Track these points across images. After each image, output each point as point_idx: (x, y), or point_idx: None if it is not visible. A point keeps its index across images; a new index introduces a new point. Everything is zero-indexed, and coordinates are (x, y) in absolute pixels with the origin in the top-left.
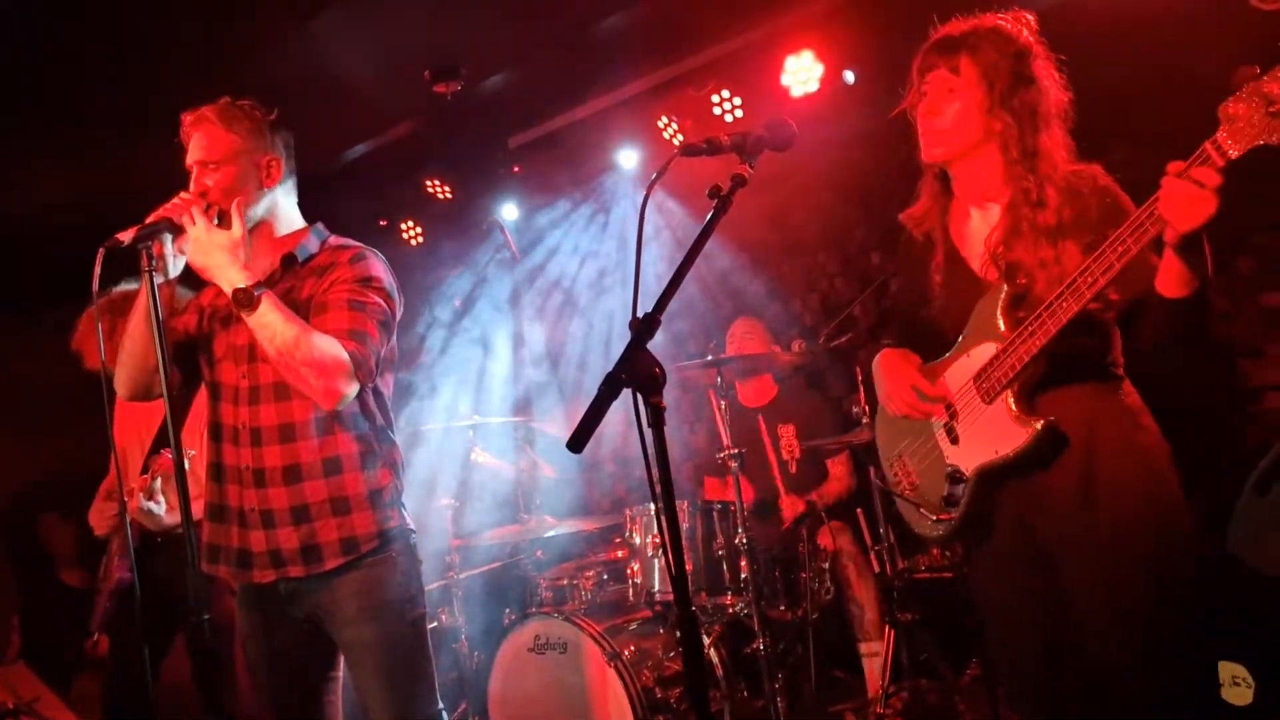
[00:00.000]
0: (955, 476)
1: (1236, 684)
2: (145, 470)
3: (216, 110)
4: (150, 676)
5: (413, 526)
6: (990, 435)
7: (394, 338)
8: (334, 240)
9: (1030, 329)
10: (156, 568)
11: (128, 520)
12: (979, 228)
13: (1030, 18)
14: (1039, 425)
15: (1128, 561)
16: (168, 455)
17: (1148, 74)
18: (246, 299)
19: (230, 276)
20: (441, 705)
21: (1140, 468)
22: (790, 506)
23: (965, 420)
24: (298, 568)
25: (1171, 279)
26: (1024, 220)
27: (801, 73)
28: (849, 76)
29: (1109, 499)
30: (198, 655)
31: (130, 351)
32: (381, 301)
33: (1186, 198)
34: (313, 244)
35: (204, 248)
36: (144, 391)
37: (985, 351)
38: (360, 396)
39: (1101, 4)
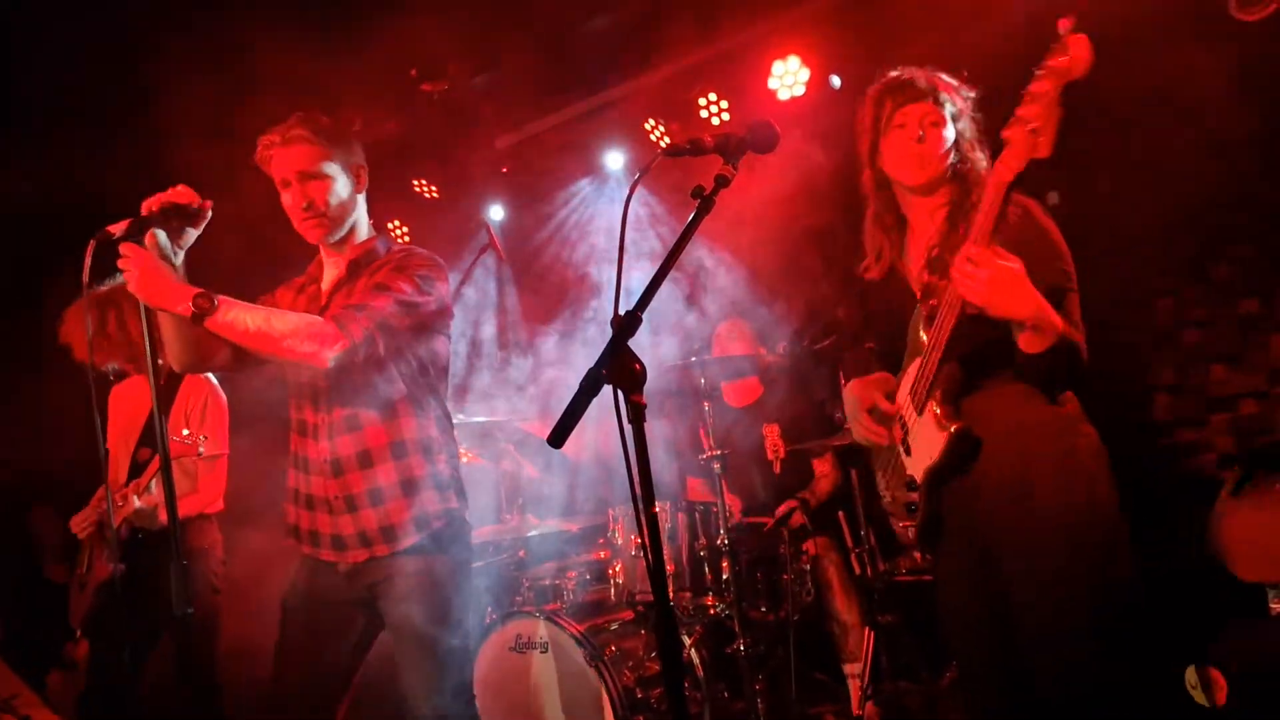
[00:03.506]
0: (911, 485)
1: (1210, 685)
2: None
3: (308, 125)
4: (132, 673)
5: (469, 519)
6: (926, 443)
7: (426, 321)
8: (397, 248)
9: (932, 343)
10: (139, 564)
11: (112, 515)
12: (921, 252)
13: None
14: (952, 429)
15: (1064, 563)
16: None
17: (1131, 86)
18: (209, 304)
19: (176, 298)
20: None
21: (1075, 473)
22: (783, 507)
23: (913, 432)
24: (381, 546)
25: (1022, 338)
26: (947, 248)
27: (788, 77)
28: (835, 81)
29: (1045, 502)
30: (182, 650)
31: (165, 340)
32: (406, 286)
33: (963, 276)
34: (380, 250)
35: (145, 280)
36: (196, 364)
37: (914, 367)
38: (414, 392)
39: (1086, 19)
